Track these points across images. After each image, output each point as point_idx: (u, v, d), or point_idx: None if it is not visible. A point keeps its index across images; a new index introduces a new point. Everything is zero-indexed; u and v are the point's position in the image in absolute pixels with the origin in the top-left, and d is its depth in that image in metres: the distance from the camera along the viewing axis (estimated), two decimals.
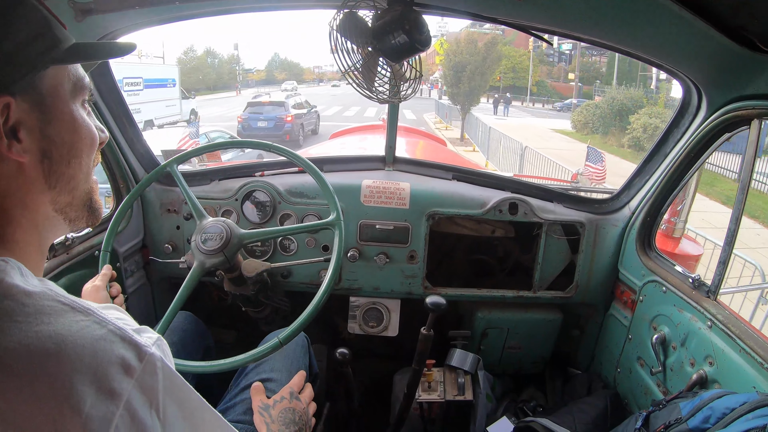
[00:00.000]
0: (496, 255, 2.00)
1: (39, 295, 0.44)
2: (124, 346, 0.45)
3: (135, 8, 1.18)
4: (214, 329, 1.75)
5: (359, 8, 1.08)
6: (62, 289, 0.48)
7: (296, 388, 1.09)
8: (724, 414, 0.96)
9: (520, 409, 1.76)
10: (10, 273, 0.45)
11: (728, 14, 0.90)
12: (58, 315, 0.44)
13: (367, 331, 1.77)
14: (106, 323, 0.45)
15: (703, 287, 1.31)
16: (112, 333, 0.45)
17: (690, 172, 1.46)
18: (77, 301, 0.46)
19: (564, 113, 26.61)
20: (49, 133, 0.50)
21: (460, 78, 15.51)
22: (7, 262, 0.46)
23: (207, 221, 1.28)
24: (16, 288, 0.44)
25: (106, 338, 0.44)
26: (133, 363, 0.44)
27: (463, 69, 15.44)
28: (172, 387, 0.48)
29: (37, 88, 0.49)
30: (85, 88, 0.55)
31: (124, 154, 1.57)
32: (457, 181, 1.79)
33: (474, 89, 15.74)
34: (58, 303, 0.45)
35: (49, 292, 0.45)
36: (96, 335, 0.44)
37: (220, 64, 43.20)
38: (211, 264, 1.24)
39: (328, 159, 1.89)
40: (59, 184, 0.52)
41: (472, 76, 15.38)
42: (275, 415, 1.01)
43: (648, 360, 1.49)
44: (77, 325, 0.43)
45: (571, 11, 1.11)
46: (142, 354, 0.45)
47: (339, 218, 1.28)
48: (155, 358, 0.46)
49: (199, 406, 0.52)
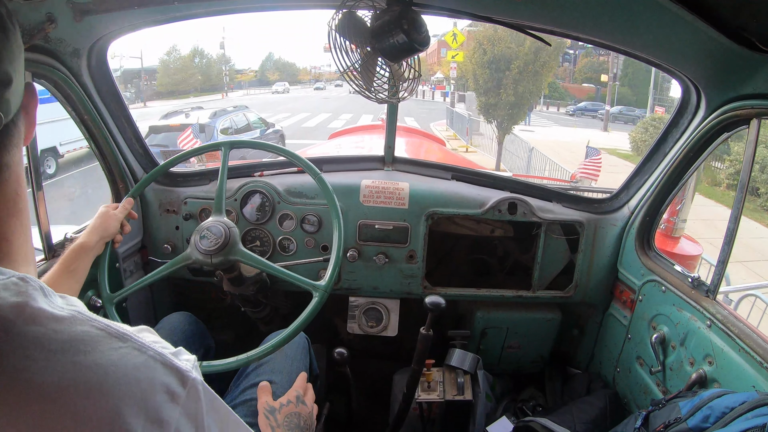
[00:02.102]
0: (496, 255, 2.00)
1: (70, 321, 0.42)
2: (166, 371, 0.43)
3: (134, 8, 1.18)
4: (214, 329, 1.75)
5: (358, 8, 1.08)
6: (84, 306, 0.46)
7: (302, 390, 1.08)
8: (723, 413, 0.96)
9: (520, 408, 1.76)
10: (33, 296, 0.42)
11: (728, 14, 0.90)
12: (94, 343, 0.41)
13: (367, 331, 1.77)
14: (145, 349, 0.43)
15: (702, 287, 1.31)
16: (152, 359, 0.43)
17: (689, 172, 1.46)
18: (111, 326, 0.44)
19: (585, 119, 23.28)
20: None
21: (501, 80, 10.67)
22: (28, 282, 0.43)
23: (210, 221, 1.28)
24: (44, 313, 0.41)
25: (147, 365, 0.42)
26: (177, 389, 0.43)
27: (507, 66, 10.57)
28: (213, 409, 0.47)
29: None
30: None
31: (123, 155, 1.56)
32: (456, 180, 1.79)
33: (522, 97, 10.87)
34: (92, 328, 0.42)
35: (80, 316, 0.43)
36: (137, 363, 0.42)
37: (208, 64, 40.87)
38: (195, 260, 1.23)
39: (327, 159, 1.88)
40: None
41: (519, 77, 10.51)
42: (281, 419, 1.00)
43: (647, 359, 1.49)
44: (116, 353, 0.41)
45: (570, 11, 1.11)
46: (185, 379, 0.44)
47: (327, 287, 1.23)
48: (197, 383, 0.45)
49: (234, 423, 0.53)
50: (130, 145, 1.60)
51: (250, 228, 1.67)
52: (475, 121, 13.48)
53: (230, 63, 45.20)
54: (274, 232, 1.67)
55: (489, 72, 10.80)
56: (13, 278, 0.43)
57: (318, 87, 44.29)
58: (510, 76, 10.56)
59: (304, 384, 1.12)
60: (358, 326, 1.77)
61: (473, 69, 11.46)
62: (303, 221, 1.65)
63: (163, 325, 1.37)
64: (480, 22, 2.24)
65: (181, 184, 1.72)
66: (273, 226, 1.66)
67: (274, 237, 1.67)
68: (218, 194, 1.33)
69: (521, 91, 10.64)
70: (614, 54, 35.01)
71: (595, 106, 24.97)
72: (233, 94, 37.57)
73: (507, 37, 10.52)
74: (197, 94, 35.35)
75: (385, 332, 1.77)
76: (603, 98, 25.25)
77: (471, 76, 12.00)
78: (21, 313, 0.40)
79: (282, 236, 1.67)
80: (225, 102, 29.48)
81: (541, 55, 10.36)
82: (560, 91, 32.63)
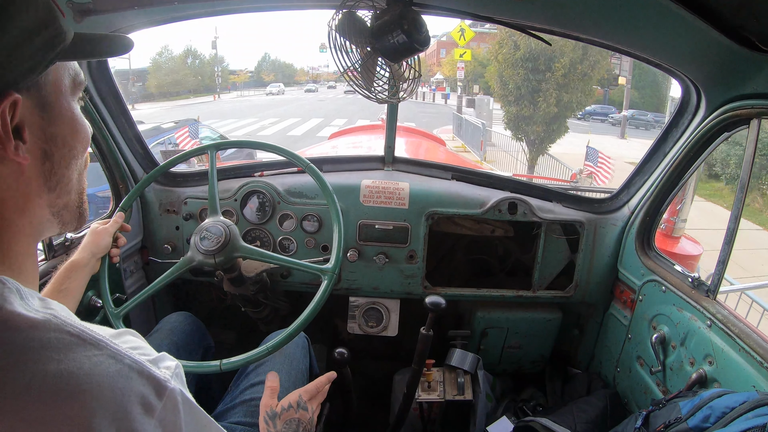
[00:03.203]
0: (496, 255, 2.00)
1: (43, 326, 0.40)
2: (142, 381, 0.42)
3: (134, 8, 1.18)
4: (214, 329, 1.75)
5: (358, 8, 1.08)
6: (64, 308, 0.44)
7: (306, 395, 1.04)
8: (723, 413, 0.96)
9: (520, 408, 1.76)
10: (8, 298, 0.41)
11: (728, 14, 0.90)
12: (67, 350, 0.40)
13: (367, 331, 1.77)
14: (121, 357, 0.42)
15: (702, 286, 1.31)
16: (129, 368, 0.42)
17: (689, 172, 1.46)
18: (85, 330, 0.42)
19: (594, 123, 21.18)
20: (52, 132, 0.48)
21: (540, 84, 8.04)
22: (5, 284, 0.42)
23: (208, 221, 1.28)
24: (18, 317, 0.40)
25: (122, 374, 0.41)
26: (152, 401, 0.42)
27: (549, 66, 7.84)
28: (193, 421, 0.46)
29: (41, 84, 0.46)
30: (82, 83, 0.53)
31: (124, 155, 1.56)
32: (456, 180, 1.78)
33: (567, 108, 8.28)
34: (66, 334, 0.41)
35: (54, 321, 0.41)
36: (111, 371, 0.40)
37: (201, 65, 39.62)
38: (198, 262, 1.22)
39: (327, 159, 1.88)
40: (59, 186, 0.50)
41: (564, 81, 7.85)
42: (279, 425, 0.99)
43: (648, 359, 1.49)
44: (90, 362, 0.40)
45: (570, 11, 1.11)
46: (161, 390, 0.43)
47: (335, 269, 1.22)
48: (175, 393, 0.44)
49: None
50: (131, 145, 1.60)
51: (250, 228, 1.67)
52: (480, 126, 11.21)
53: (224, 63, 44.14)
54: (274, 232, 1.67)
55: (523, 73, 8.03)
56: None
57: (309, 89, 42.62)
58: (552, 80, 7.78)
59: (316, 387, 1.07)
60: (358, 326, 1.77)
61: (499, 69, 8.75)
62: (303, 221, 1.65)
63: (163, 325, 1.37)
64: (479, 21, 2.22)
65: (181, 184, 1.72)
66: (273, 226, 1.66)
67: (274, 237, 1.67)
68: (210, 195, 1.33)
69: (566, 101, 7.85)
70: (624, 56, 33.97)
71: (604, 110, 23.32)
72: (226, 96, 36.71)
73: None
74: (190, 95, 34.53)
75: (385, 332, 1.77)
76: (610, 101, 24.20)
77: (495, 78, 9.22)
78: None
79: (282, 236, 1.67)
80: (216, 104, 27.81)
81: (590, 53, 7.73)
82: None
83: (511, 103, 8.87)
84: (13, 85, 0.43)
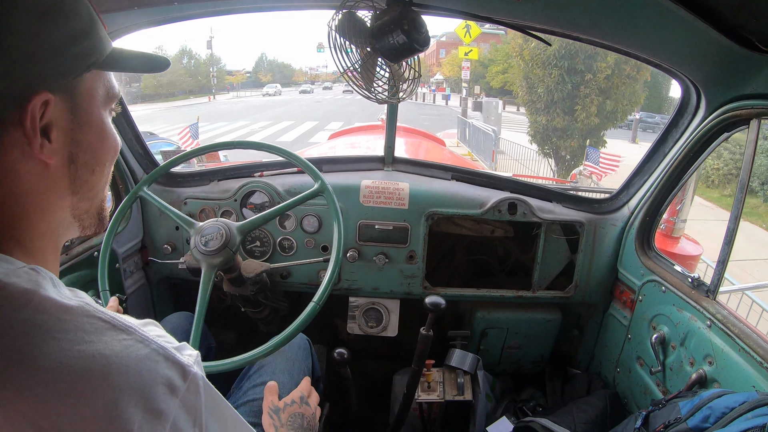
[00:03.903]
0: (496, 255, 2.00)
1: (77, 311, 0.43)
2: (168, 365, 0.44)
3: (134, 9, 1.18)
4: (214, 330, 1.75)
5: (358, 8, 1.08)
6: (92, 299, 0.46)
7: (305, 392, 1.09)
8: (723, 413, 0.96)
9: (520, 409, 1.76)
10: (43, 285, 0.43)
11: (728, 14, 0.90)
12: (99, 333, 0.42)
13: (367, 331, 1.77)
14: (149, 342, 0.44)
15: (702, 287, 1.31)
16: (155, 352, 0.44)
17: (689, 172, 1.46)
18: (116, 317, 0.45)
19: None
20: (79, 137, 0.49)
21: (579, 89, 6.62)
22: (38, 272, 0.44)
23: (201, 224, 1.27)
24: (52, 302, 0.42)
25: (150, 358, 0.43)
26: (177, 383, 0.44)
27: (590, 67, 6.52)
28: (213, 404, 0.48)
29: (74, 89, 0.48)
30: (116, 96, 0.54)
31: (123, 155, 1.57)
32: (456, 181, 1.78)
33: (609, 118, 6.90)
34: (98, 320, 0.43)
35: (87, 307, 0.44)
36: (140, 355, 0.43)
37: (197, 65, 39.48)
38: (218, 263, 1.22)
39: (327, 159, 1.88)
40: (82, 190, 0.51)
41: (607, 86, 6.51)
42: (284, 419, 1.01)
43: (647, 359, 1.49)
44: (120, 345, 0.42)
45: (569, 11, 1.11)
46: (186, 373, 0.45)
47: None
48: (198, 378, 0.46)
49: (233, 419, 0.54)
50: (131, 145, 1.60)
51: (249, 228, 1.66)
52: (491, 133, 9.82)
53: (221, 64, 43.53)
54: (274, 232, 1.67)
55: (556, 74, 6.53)
56: (25, 268, 0.44)
57: (304, 90, 42.08)
58: (594, 84, 6.39)
59: (308, 386, 1.12)
60: (358, 327, 1.77)
61: (524, 69, 7.16)
62: (303, 221, 1.65)
63: (164, 325, 1.36)
64: (479, 21, 2.20)
65: (182, 184, 1.72)
66: (273, 226, 1.66)
67: (274, 237, 1.67)
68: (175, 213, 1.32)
69: (610, 109, 6.45)
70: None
71: (649, 117, 20.79)
72: (221, 97, 36.22)
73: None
74: (185, 96, 34.24)
75: (385, 332, 1.77)
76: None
77: (520, 80, 7.50)
78: (30, 300, 0.41)
79: (282, 236, 1.67)
80: (211, 106, 26.72)
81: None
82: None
83: (540, 111, 7.27)
84: (48, 85, 0.45)
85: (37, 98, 0.44)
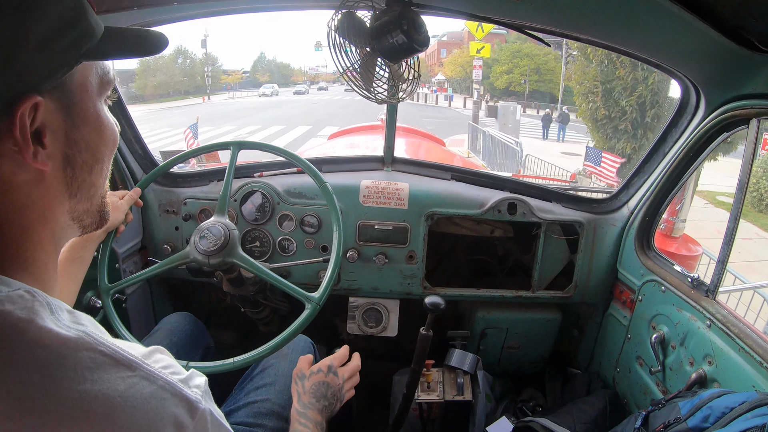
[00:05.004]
0: (495, 255, 2.00)
1: (75, 344, 0.40)
2: (175, 402, 0.42)
3: (134, 9, 1.18)
4: (214, 330, 1.75)
5: (357, 8, 1.08)
6: (93, 322, 0.44)
7: (337, 362, 1.06)
8: (723, 413, 0.96)
9: (520, 409, 1.76)
10: (40, 313, 0.40)
11: (727, 14, 0.90)
12: (101, 370, 0.39)
13: (366, 331, 1.77)
14: (155, 378, 0.42)
15: (702, 287, 1.31)
16: (162, 389, 0.42)
17: (688, 172, 1.46)
18: (118, 351, 0.42)
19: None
20: (75, 137, 0.45)
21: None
22: (35, 296, 0.41)
23: (208, 221, 1.27)
24: (50, 334, 0.39)
25: (156, 396, 0.41)
26: (185, 421, 0.42)
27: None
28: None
29: (65, 85, 0.43)
30: (111, 82, 0.50)
31: (123, 155, 1.56)
32: (456, 181, 1.79)
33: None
34: (98, 354, 0.40)
35: (86, 339, 0.41)
36: (146, 393, 0.40)
37: (192, 64, 38.10)
38: (193, 259, 1.21)
39: (326, 159, 1.88)
40: (80, 192, 0.48)
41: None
42: (308, 386, 1.01)
43: (647, 359, 1.49)
44: (124, 383, 0.40)
45: (569, 11, 1.11)
46: (194, 410, 0.43)
47: (320, 300, 1.17)
48: (206, 414, 0.44)
49: None
50: (130, 146, 1.59)
51: (249, 228, 1.66)
52: (514, 146, 8.14)
53: (217, 63, 42.65)
54: (274, 232, 1.67)
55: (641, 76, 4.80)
56: (20, 291, 0.41)
57: (298, 91, 40.55)
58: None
59: (344, 355, 1.10)
60: (358, 327, 1.77)
61: (593, 71, 5.53)
62: (302, 222, 1.65)
63: (163, 325, 1.37)
64: (478, 22, 2.17)
65: (181, 184, 1.72)
66: (272, 226, 1.66)
67: (274, 237, 1.67)
68: (222, 195, 1.31)
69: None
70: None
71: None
72: (216, 97, 35.53)
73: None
74: (180, 97, 33.45)
75: (384, 333, 1.77)
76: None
77: (583, 84, 6.03)
78: (26, 332, 0.38)
79: (282, 237, 1.66)
80: (203, 107, 25.72)
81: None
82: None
83: (612, 125, 5.53)
84: (35, 87, 0.40)
85: (24, 103, 0.40)
